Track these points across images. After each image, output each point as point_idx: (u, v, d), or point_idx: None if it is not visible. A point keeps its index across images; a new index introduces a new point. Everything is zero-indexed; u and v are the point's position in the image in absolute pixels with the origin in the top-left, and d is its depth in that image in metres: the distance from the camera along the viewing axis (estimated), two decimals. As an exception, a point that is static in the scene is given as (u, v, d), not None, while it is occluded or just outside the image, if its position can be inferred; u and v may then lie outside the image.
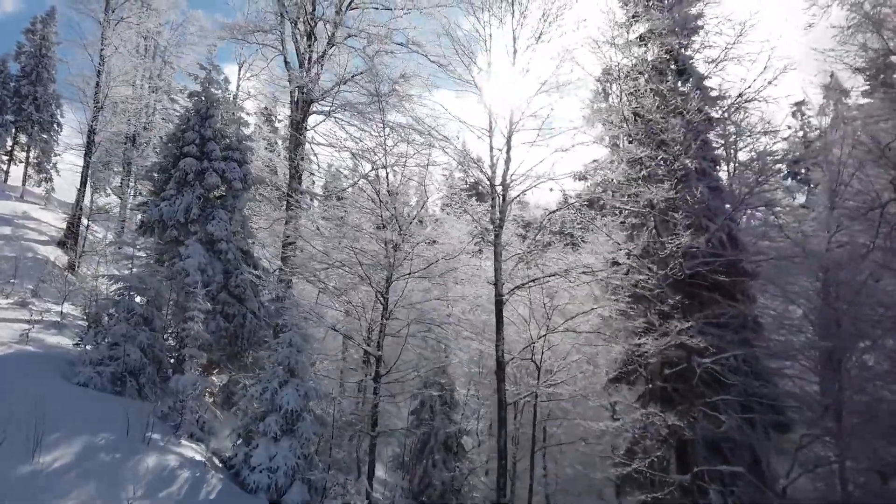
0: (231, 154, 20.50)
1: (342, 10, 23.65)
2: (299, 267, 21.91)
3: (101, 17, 30.08)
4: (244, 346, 19.39)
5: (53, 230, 32.94)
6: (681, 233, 15.35)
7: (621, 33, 23.83)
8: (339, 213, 20.29)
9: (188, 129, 20.31)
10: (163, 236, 19.38)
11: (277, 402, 13.06)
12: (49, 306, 21.16)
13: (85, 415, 12.43)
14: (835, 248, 17.18)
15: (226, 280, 19.48)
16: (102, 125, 30.07)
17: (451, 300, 19.60)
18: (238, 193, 20.46)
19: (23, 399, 11.89)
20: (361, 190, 19.75)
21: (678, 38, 20.54)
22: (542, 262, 17.67)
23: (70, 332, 18.80)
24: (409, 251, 17.97)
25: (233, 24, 24.05)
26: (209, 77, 21.03)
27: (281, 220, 24.22)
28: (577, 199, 17.09)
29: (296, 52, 24.64)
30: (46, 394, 12.47)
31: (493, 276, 17.23)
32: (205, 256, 18.88)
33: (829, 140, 19.77)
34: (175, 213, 19.16)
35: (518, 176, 17.43)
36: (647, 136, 17.37)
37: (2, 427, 10.32)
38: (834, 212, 18.17)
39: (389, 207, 18.17)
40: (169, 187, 19.75)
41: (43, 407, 11.15)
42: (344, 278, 19.81)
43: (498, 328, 17.00)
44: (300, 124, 23.74)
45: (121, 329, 14.85)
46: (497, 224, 17.36)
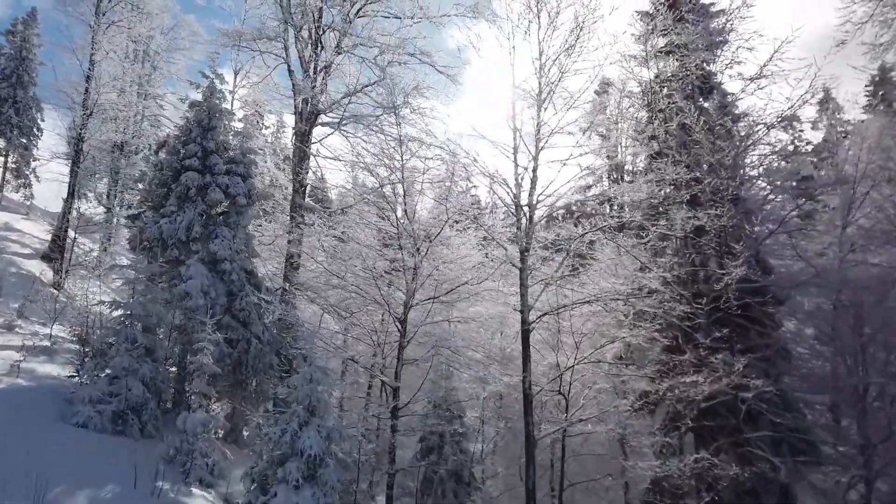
0: (234, 168, 19.36)
1: (351, 17, 22.60)
2: (309, 288, 20.78)
3: (91, 21, 28.69)
4: (248, 374, 18.22)
5: (37, 242, 31.39)
6: (736, 262, 14.42)
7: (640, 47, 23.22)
8: (350, 230, 19.17)
9: (189, 141, 19.14)
10: (163, 255, 18.13)
11: (298, 447, 11.91)
12: (36, 328, 19.83)
13: (88, 463, 11.25)
14: (848, 268, 16.64)
15: (229, 302, 18.30)
16: (92, 132, 28.62)
17: (470, 324, 18.58)
18: (242, 209, 19.31)
19: (20, 445, 10.79)
20: (374, 206, 18.59)
21: (703, 54, 19.80)
22: (570, 286, 16.71)
23: (61, 359, 17.57)
24: (428, 274, 16.91)
25: (235, 30, 22.90)
26: (211, 86, 19.89)
27: (283, 236, 23.10)
28: (608, 220, 16.09)
29: (299, 61, 23.54)
30: (44, 439, 11.30)
31: (519, 300, 16.25)
32: (207, 277, 17.69)
33: (841, 158, 19.07)
34: (176, 230, 17.96)
35: (545, 195, 16.50)
36: (694, 158, 16.47)
37: (0, 483, 9.15)
38: (847, 230, 17.59)
39: (406, 227, 17.12)
40: (169, 203, 18.55)
41: (42, 454, 9.99)
42: (355, 300, 18.66)
43: (525, 358, 15.97)
44: (305, 136, 22.61)
45: (122, 362, 13.64)
46: (523, 247, 16.37)
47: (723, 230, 16.04)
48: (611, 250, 17.74)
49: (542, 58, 17.02)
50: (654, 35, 23.16)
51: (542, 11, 17.01)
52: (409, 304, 16.57)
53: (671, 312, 15.73)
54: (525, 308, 16.02)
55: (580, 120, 16.53)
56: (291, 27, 23.22)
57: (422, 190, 17.84)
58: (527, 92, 17.06)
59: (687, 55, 19.18)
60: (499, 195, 17.29)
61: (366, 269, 17.14)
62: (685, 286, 16.44)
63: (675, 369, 14.91)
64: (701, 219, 15.03)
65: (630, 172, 25.97)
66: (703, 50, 20.13)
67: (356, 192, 21.12)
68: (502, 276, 18.17)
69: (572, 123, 16.37)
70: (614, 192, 16.77)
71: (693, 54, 19.32)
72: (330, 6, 22.75)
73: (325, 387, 12.69)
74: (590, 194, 16.60)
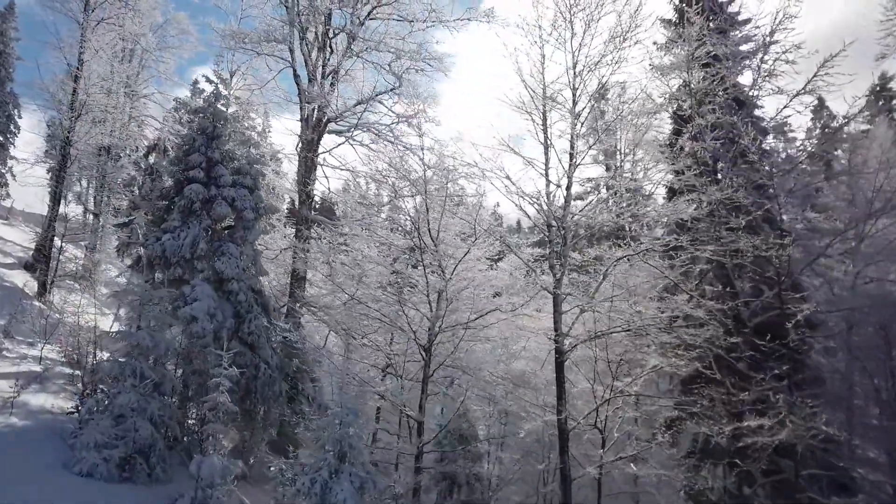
0: (241, 179, 18.07)
1: (362, 19, 21.40)
2: (316, 306, 19.59)
3: (80, 18, 27.15)
4: (257, 402, 16.93)
5: (19, 250, 29.75)
6: (807, 298, 13.46)
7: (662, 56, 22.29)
8: (364, 247, 18.02)
9: (193, 151, 17.81)
10: (165, 274, 16.80)
11: (330, 500, 10.73)
12: (24, 350, 18.41)
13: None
14: (861, 285, 15.89)
15: (237, 325, 17.00)
16: (80, 136, 27.05)
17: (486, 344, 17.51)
18: (249, 224, 18.02)
19: (18, 499, 9.46)
20: (394, 222, 17.44)
21: (730, 64, 18.92)
22: (606, 312, 15.65)
23: (54, 386, 16.25)
24: (453, 298, 15.80)
25: (239, 31, 21.55)
26: (216, 92, 18.58)
27: (289, 249, 21.87)
28: (653, 243, 15.02)
29: (305, 65, 22.28)
30: (45, 492, 10.01)
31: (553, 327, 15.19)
32: (214, 299, 16.39)
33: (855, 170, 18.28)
34: (180, 247, 16.66)
35: (579, 215, 15.46)
36: (745, 178, 15.53)
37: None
38: (862, 244, 16.84)
39: (429, 246, 15.99)
40: (172, 217, 17.22)
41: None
42: (371, 323, 17.51)
43: (559, 390, 14.91)
44: (313, 145, 21.38)
45: (128, 399, 12.33)
46: (557, 271, 15.31)
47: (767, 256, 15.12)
48: (647, 274, 16.68)
49: (577, 68, 16.02)
50: (680, 44, 22.30)
51: (577, 18, 16.00)
52: (435, 330, 15.43)
53: (716, 342, 14.76)
54: (560, 336, 14.95)
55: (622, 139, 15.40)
56: (297, 29, 21.99)
57: (445, 206, 16.68)
58: (560, 104, 16.05)
59: (723, 66, 18.31)
60: (529, 214, 16.20)
61: (385, 291, 15.94)
62: (725, 314, 15.47)
63: (729, 406, 13.93)
64: (759, 246, 14.00)
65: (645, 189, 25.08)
66: (734, 61, 19.30)
67: (370, 206, 19.90)
68: (530, 297, 17.15)
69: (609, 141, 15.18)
70: (655, 212, 15.71)
71: (723, 64, 18.47)
72: (339, 7, 21.44)
73: (357, 429, 11.51)
74: (627, 214, 15.42)
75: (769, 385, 14.10)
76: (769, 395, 13.07)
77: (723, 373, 15.53)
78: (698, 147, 16.16)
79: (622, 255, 15.13)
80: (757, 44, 18.34)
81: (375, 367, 19.60)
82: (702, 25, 17.61)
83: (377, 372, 20.61)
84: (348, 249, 20.94)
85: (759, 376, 13.80)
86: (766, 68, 17.82)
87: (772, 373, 13.48)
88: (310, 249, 21.12)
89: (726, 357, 14.95)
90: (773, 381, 13.67)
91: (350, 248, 21.54)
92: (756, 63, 17.79)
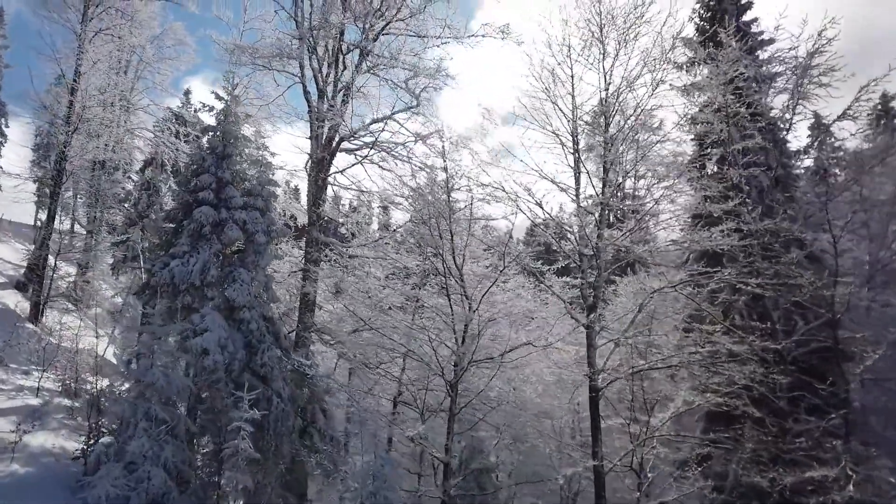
0: (252, 201, 17.21)
1: (377, 34, 20.65)
2: (326, 332, 18.69)
3: (77, 29, 26.20)
4: (270, 439, 15.95)
5: (10, 268, 28.61)
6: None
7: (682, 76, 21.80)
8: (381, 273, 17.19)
9: (203, 171, 16.90)
10: (173, 302, 15.87)
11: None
12: (20, 380, 17.39)
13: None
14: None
15: (248, 357, 16.07)
16: (77, 151, 26.03)
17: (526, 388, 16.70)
18: (261, 248, 17.12)
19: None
20: (417, 247, 16.62)
21: (762, 87, 18.41)
22: (638, 345, 14.93)
23: (55, 422, 15.26)
24: (479, 330, 14.97)
25: (248, 46, 20.67)
26: (227, 109, 17.72)
27: (297, 273, 20.99)
28: (695, 276, 14.27)
29: (315, 81, 21.45)
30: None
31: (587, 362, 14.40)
32: (225, 329, 15.49)
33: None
34: (189, 274, 15.72)
35: (614, 244, 14.71)
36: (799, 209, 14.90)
37: None
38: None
39: (454, 273, 15.19)
40: (180, 241, 16.28)
41: None
42: (388, 352, 16.66)
43: (594, 429, 14.13)
44: (324, 164, 20.54)
45: (140, 446, 11.39)
46: (590, 302, 14.55)
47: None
48: (681, 305, 15.94)
49: (609, 88, 15.35)
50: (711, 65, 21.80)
51: (609, 38, 15.35)
52: (463, 365, 14.56)
53: (758, 380, 14.04)
54: (595, 372, 14.16)
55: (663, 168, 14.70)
56: (306, 45, 21.17)
57: (470, 231, 15.89)
58: (591, 126, 15.36)
59: (752, 88, 17.77)
60: (558, 242, 15.44)
61: (409, 322, 15.11)
62: (766, 350, 14.76)
63: (773, 448, 13.20)
64: (806, 282, 13.32)
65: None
66: (766, 83, 18.82)
67: (383, 228, 19.06)
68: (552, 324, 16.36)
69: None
70: (690, 241, 14.98)
71: (752, 86, 17.95)
72: (354, 23, 20.67)
73: (392, 482, 10.64)
74: (664, 242, 14.72)
75: (815, 425, 13.45)
76: (818, 438, 12.34)
77: (762, 411, 14.86)
78: (735, 173, 15.47)
79: (660, 286, 14.39)
80: (788, 66, 17.80)
81: (386, 398, 18.68)
82: (736, 47, 17.01)
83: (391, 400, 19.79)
84: (360, 273, 20.14)
85: (804, 416, 13.12)
86: (800, 91, 17.26)
87: (820, 414, 12.72)
88: (318, 272, 20.26)
89: (770, 396, 14.23)
90: (815, 420, 12.99)
91: (362, 271, 20.74)
92: (789, 85, 17.20)
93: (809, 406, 14.07)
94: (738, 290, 15.50)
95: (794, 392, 14.21)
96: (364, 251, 20.63)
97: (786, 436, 14.43)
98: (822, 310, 14.05)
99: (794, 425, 14.37)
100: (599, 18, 15.35)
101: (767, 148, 15.99)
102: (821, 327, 15.12)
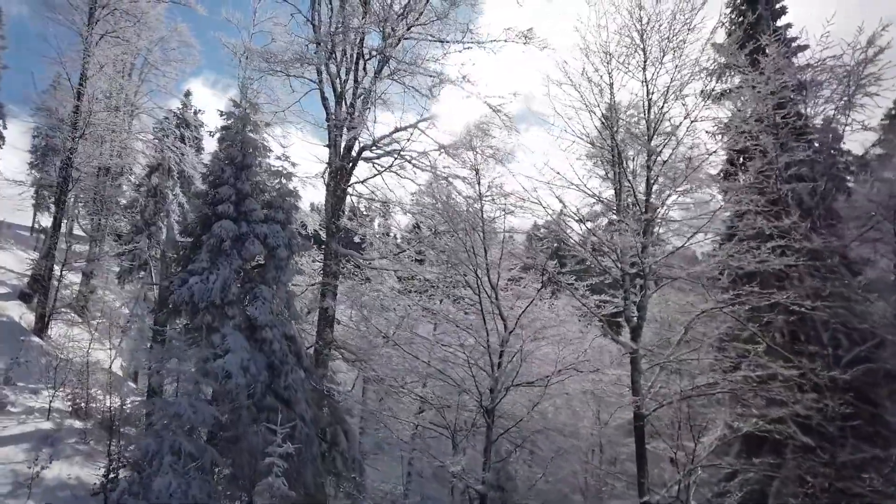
0: (274, 214, 16.47)
1: (399, 38, 19.90)
2: (348, 349, 17.95)
3: (83, 31, 25.37)
4: (294, 467, 15.16)
5: (13, 277, 27.75)
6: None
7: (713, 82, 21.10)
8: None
9: (222, 183, 16.14)
10: (192, 321, 15.11)
11: None
12: (28, 401, 16.61)
13: None
14: None
15: (271, 378, 15.31)
16: (83, 158, 25.21)
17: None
18: (282, 263, 16.37)
19: None
20: (446, 263, 15.87)
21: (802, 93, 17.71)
22: (690, 370, 14.20)
23: (68, 448, 14.51)
24: (516, 352, 14.23)
25: (263, 50, 19.88)
26: (244, 116, 16.96)
27: (317, 286, 20.24)
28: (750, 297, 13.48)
29: (332, 88, 20.70)
30: None
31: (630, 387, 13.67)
32: (247, 350, 14.71)
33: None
34: (209, 292, 14.93)
35: (659, 263, 13.98)
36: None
37: None
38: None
39: (488, 292, 14.46)
40: (199, 257, 15.49)
41: None
42: (411, 374, 15.93)
43: (640, 460, 13.40)
44: (343, 173, 19.78)
45: (167, 484, 10.61)
46: (634, 324, 13.82)
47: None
48: (719, 324, 15.19)
49: (650, 96, 14.64)
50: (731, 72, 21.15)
51: (651, 43, 14.63)
52: (500, 389, 13.82)
53: (810, 405, 13.35)
54: (641, 398, 13.42)
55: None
56: (324, 50, 20.41)
57: (504, 246, 15.18)
58: (635, 136, 14.66)
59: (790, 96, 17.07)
60: (600, 260, 14.71)
61: (446, 346, 14.37)
62: (817, 374, 14.05)
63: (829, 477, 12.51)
64: (879, 309, 12.64)
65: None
66: (802, 90, 18.11)
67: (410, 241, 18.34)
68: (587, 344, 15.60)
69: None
70: (737, 260, 14.22)
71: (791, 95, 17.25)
72: (376, 28, 19.94)
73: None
74: (712, 262, 13.97)
75: (872, 455, 12.78)
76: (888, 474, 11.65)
77: (812, 438, 14.17)
78: (786, 188, 14.77)
79: (708, 307, 13.67)
80: (834, 74, 17.08)
81: (409, 422, 17.94)
82: (779, 54, 16.30)
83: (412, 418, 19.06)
84: (381, 288, 19.43)
85: (863, 446, 12.46)
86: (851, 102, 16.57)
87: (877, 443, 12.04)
88: (338, 286, 19.54)
89: (823, 423, 13.53)
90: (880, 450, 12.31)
91: (383, 283, 20.04)
92: (836, 94, 16.48)
93: (866, 434, 13.40)
94: (788, 310, 14.76)
95: (850, 420, 13.49)
96: (385, 263, 19.89)
97: (834, 464, 13.76)
98: (877, 330, 13.36)
99: (849, 455, 13.69)
100: (640, 25, 14.66)
101: (816, 160, 15.27)
102: (872, 349, 14.47)
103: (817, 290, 13.46)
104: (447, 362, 15.49)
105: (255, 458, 13.96)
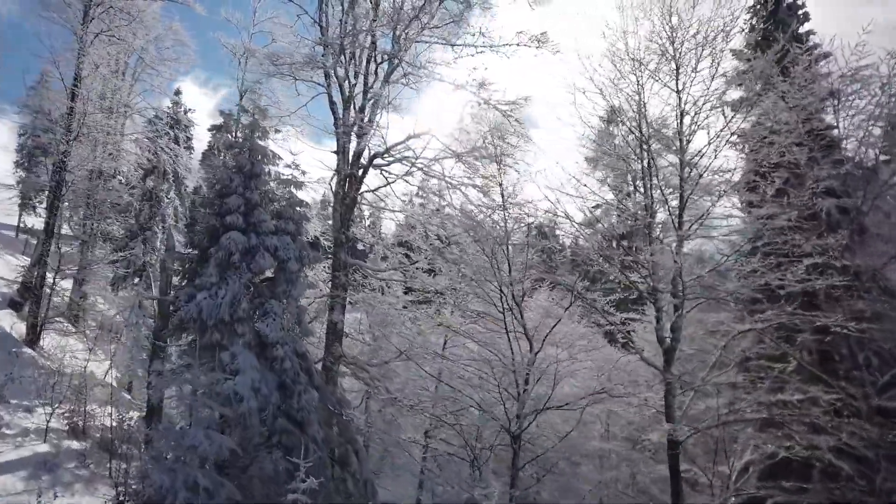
0: (284, 225, 15.72)
1: (411, 42, 19.19)
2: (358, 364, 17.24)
3: (77, 29, 24.43)
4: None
5: (2, 284, 26.72)
6: None
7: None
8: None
9: (230, 192, 15.34)
10: (200, 339, 14.30)
11: None
12: (23, 421, 15.74)
13: None
14: None
15: (282, 399, 14.53)
16: (78, 161, 24.27)
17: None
18: (293, 277, 15.60)
19: None
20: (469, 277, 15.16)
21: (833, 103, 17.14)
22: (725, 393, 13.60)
23: (68, 474, 13.69)
24: (542, 371, 13.57)
25: (272, 52, 19.11)
26: (253, 123, 16.20)
27: (324, 298, 19.48)
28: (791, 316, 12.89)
29: (341, 91, 19.93)
30: None
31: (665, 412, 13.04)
32: (257, 369, 13.93)
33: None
34: (218, 308, 14.14)
35: (695, 282, 13.36)
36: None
37: None
38: None
39: (514, 311, 13.79)
40: (207, 271, 14.67)
41: None
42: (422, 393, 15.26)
43: (674, 487, 12.77)
44: (353, 181, 19.03)
45: (183, 521, 9.86)
46: (668, 347, 13.20)
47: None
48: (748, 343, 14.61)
49: (682, 105, 14.02)
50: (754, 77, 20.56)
51: (684, 50, 14.01)
52: (525, 413, 13.14)
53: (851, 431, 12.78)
54: (675, 424, 12.78)
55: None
56: (331, 52, 19.63)
57: (527, 262, 14.50)
58: (667, 147, 14.05)
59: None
60: (627, 275, 14.07)
61: (466, 365, 13.68)
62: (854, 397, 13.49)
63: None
64: None
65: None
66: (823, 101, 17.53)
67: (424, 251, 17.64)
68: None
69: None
70: (776, 279, 13.61)
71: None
72: (388, 31, 19.21)
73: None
74: (749, 280, 13.36)
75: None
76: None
77: (847, 463, 13.60)
78: (823, 203, 14.21)
79: (745, 328, 13.08)
80: (866, 84, 16.54)
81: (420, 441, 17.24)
82: (808, 62, 15.72)
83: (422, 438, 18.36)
84: (392, 300, 18.73)
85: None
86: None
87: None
88: (346, 298, 18.81)
89: (862, 448, 12.96)
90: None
91: (393, 296, 19.36)
92: (868, 105, 15.91)
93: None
94: (821, 330, 14.18)
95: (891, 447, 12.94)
96: (397, 275, 19.18)
97: (874, 492, 13.22)
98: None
99: (885, 481, 13.15)
100: (671, 32, 14.04)
101: (851, 174, 14.73)
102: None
103: (861, 312, 12.88)
104: (464, 380, 14.79)
105: (268, 487, 13.30)
